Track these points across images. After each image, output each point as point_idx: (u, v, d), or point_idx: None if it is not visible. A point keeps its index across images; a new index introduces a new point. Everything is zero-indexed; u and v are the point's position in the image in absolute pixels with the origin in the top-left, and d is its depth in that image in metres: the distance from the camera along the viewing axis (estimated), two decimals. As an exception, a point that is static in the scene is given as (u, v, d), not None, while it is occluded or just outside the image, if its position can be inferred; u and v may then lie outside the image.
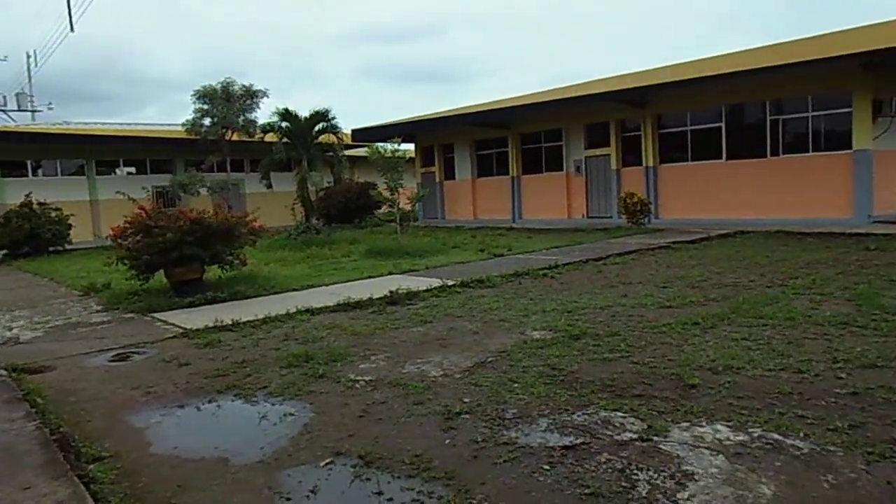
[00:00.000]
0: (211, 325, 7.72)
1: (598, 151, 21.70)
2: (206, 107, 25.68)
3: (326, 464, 3.81)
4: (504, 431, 4.10)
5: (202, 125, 25.90)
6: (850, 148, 16.14)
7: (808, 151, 17.09)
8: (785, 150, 17.51)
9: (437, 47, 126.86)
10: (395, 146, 16.21)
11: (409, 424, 4.35)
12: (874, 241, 12.26)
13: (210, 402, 5.13)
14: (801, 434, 3.77)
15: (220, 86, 25.58)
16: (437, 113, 26.39)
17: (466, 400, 4.71)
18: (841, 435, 3.74)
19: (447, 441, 4.02)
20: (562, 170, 22.81)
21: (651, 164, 20.06)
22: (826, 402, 4.27)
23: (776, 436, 3.77)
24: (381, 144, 17.03)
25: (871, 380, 4.64)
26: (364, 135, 26.49)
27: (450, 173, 27.27)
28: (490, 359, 5.78)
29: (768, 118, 17.71)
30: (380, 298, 8.86)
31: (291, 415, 4.69)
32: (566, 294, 8.76)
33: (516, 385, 4.96)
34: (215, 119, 25.61)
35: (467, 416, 4.41)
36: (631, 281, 9.54)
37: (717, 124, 18.73)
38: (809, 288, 8.20)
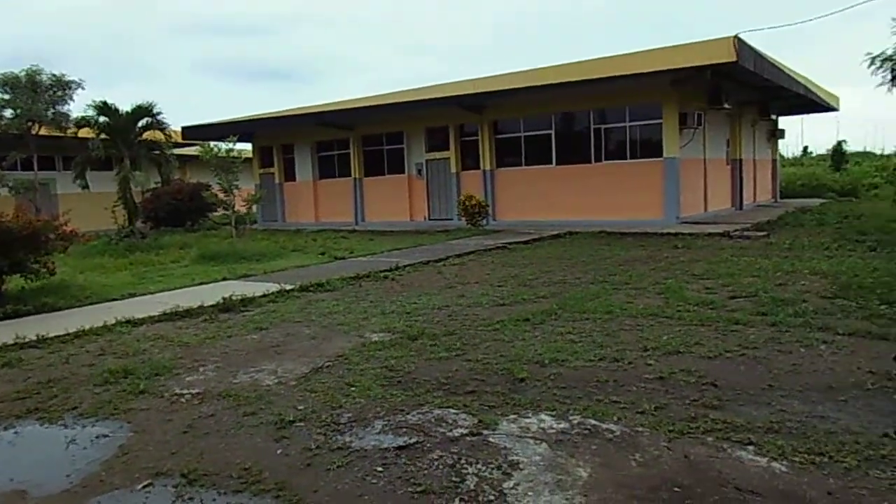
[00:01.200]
0: (10, 342, 6.85)
1: (438, 155, 22.21)
2: (7, 97, 22.86)
3: (144, 486, 3.52)
4: (338, 436, 4.04)
5: (2, 117, 23.03)
6: (661, 156, 17.87)
7: (626, 158, 18.69)
8: (607, 157, 19.01)
9: (280, 44, 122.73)
10: (231, 145, 15.49)
11: (238, 437, 4.14)
12: (681, 240, 13.68)
13: (6, 429, 4.55)
14: (615, 418, 4.09)
15: (24, 74, 22.89)
16: (277, 112, 25.54)
17: (301, 407, 4.58)
18: (648, 416, 4.10)
19: (279, 451, 3.88)
20: (404, 172, 23.06)
21: (488, 167, 20.88)
22: (637, 387, 4.67)
23: (593, 421, 4.05)
24: (216, 143, 16.18)
25: (674, 364, 5.15)
26: (196, 132, 25.02)
27: (290, 175, 26.54)
28: (327, 364, 5.67)
29: (592, 127, 19.14)
30: (212, 306, 8.39)
31: (105, 436, 4.28)
32: (406, 296, 8.84)
33: (353, 389, 4.91)
34: (19, 111, 22.87)
35: (301, 423, 4.28)
36: (468, 281, 9.85)
37: (547, 131, 19.91)
38: (626, 283, 8.94)
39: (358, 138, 23.97)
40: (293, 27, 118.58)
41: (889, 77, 14.25)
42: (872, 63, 14.45)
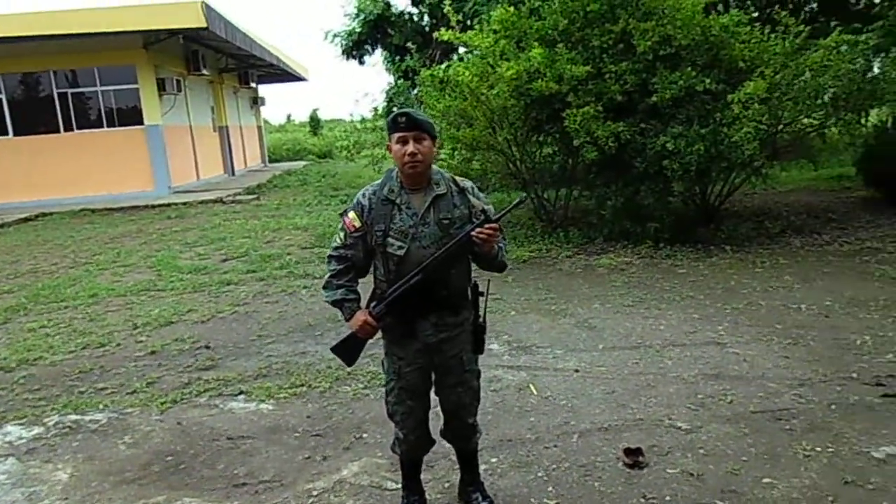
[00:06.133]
0: None
1: None
2: None
3: None
4: None
5: None
6: (143, 123, 16.91)
7: (103, 127, 17.07)
8: (80, 126, 16.98)
9: None
10: None
11: None
12: (174, 210, 13.36)
13: None
14: (101, 406, 3.75)
15: None
16: None
17: None
18: (139, 395, 3.89)
19: None
20: None
21: (-85, 141, 16.39)
22: (127, 368, 4.38)
23: (74, 417, 3.64)
24: None
25: (167, 336, 5.01)
26: None
27: None
28: None
29: (56, 91, 16.78)
30: None
31: None
32: None
33: None
34: None
35: None
36: None
37: (-3, 96, 16.66)
38: (114, 262, 8.26)
39: None
40: None
41: (341, 50, 16.54)
42: (326, 37, 16.53)
